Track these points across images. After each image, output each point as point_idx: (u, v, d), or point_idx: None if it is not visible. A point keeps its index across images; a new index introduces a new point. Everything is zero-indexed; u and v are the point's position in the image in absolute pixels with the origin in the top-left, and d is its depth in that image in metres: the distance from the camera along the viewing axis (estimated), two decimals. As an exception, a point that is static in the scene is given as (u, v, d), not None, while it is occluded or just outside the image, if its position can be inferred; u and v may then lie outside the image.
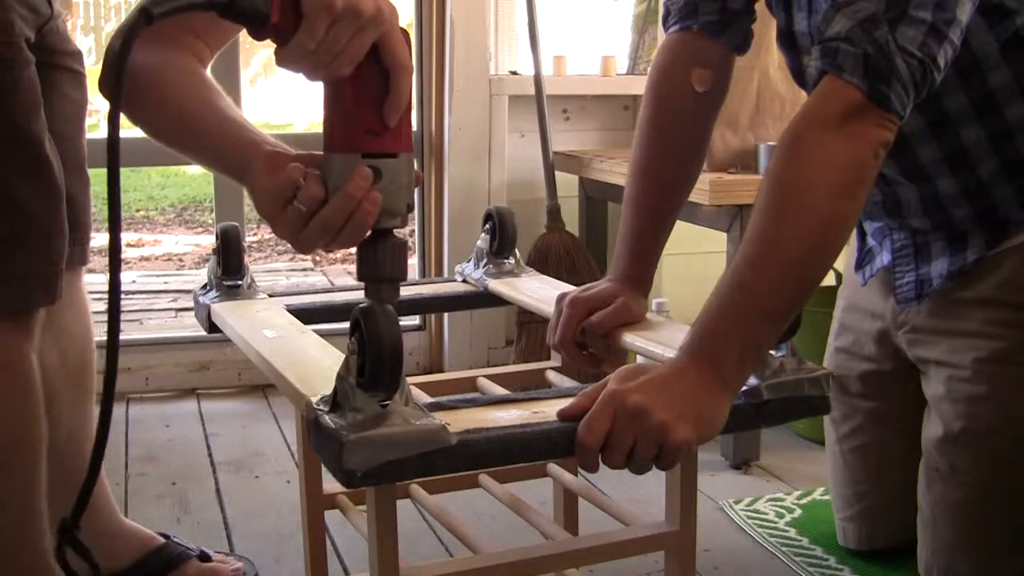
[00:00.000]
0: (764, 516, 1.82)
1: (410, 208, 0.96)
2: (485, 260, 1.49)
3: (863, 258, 1.57)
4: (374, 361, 0.85)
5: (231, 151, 1.03)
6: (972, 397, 1.38)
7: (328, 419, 0.88)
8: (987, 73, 1.27)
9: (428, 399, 1.05)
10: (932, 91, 1.10)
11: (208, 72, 1.13)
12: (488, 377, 1.33)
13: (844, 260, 2.69)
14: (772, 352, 1.01)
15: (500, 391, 1.25)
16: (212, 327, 1.39)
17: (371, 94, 0.92)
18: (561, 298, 1.28)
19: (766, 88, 2.06)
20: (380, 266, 0.94)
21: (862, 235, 1.57)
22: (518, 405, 0.98)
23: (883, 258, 1.51)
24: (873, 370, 1.58)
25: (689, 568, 1.09)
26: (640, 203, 1.33)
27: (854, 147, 1.03)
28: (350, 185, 0.90)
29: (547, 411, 0.95)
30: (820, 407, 1.04)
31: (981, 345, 1.37)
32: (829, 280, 2.35)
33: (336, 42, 0.89)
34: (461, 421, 0.92)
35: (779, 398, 1.01)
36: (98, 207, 7.38)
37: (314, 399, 0.93)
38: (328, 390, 0.91)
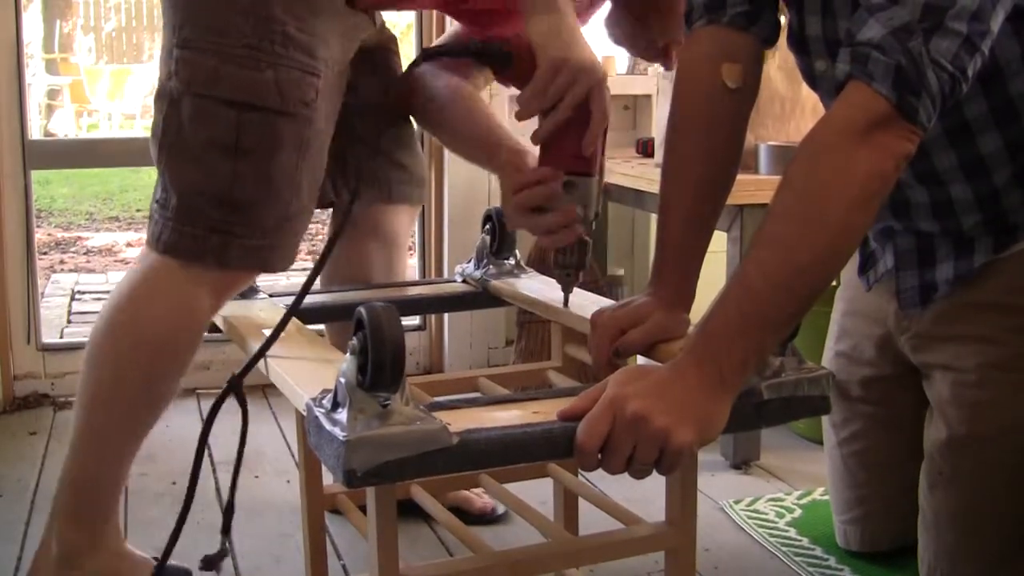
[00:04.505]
0: (764, 516, 1.82)
1: (597, 215, 1.31)
2: (485, 260, 1.50)
3: (866, 262, 1.55)
4: (376, 360, 0.85)
5: (478, 142, 1.47)
6: (977, 402, 1.37)
7: (328, 419, 0.88)
8: (1008, 80, 1.25)
9: (428, 399, 1.05)
10: (956, 101, 1.08)
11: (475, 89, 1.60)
12: (488, 377, 1.34)
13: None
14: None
15: (501, 391, 1.25)
16: (212, 327, 1.39)
17: (576, 129, 1.24)
18: (595, 318, 1.23)
19: (766, 88, 2.06)
20: (569, 256, 1.29)
21: (864, 238, 1.54)
22: (518, 405, 0.98)
23: (886, 262, 1.48)
24: (874, 375, 1.57)
25: (689, 568, 1.09)
26: (676, 210, 1.26)
27: (877, 160, 1.00)
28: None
29: (547, 411, 0.95)
30: (820, 407, 1.04)
31: (987, 350, 1.36)
32: (829, 280, 2.36)
33: (560, 90, 1.21)
34: (461, 421, 0.92)
35: (779, 398, 1.01)
36: (97, 207, 7.32)
37: (314, 399, 0.93)
38: (328, 390, 0.91)
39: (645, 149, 2.39)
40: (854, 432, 1.62)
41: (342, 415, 0.86)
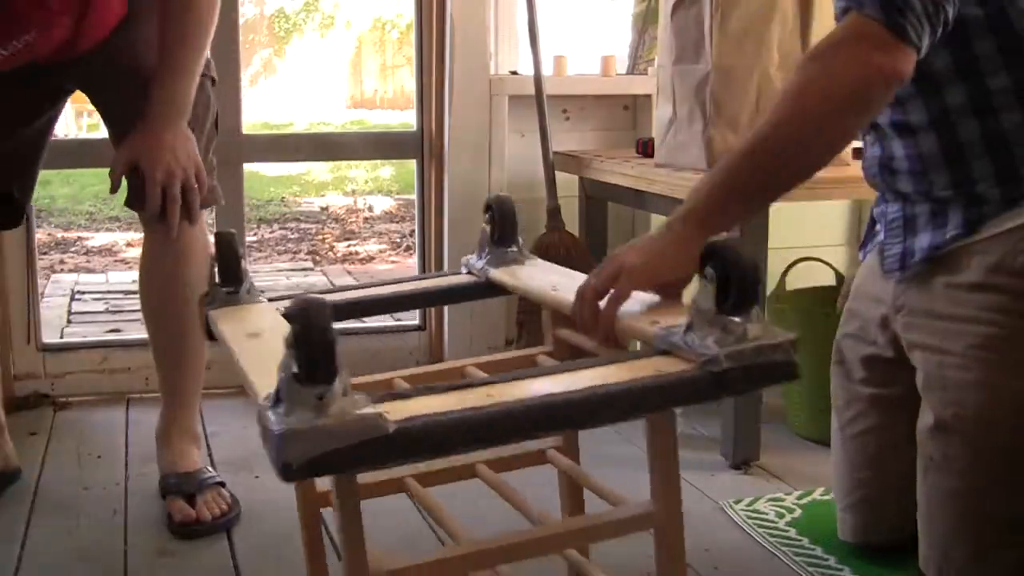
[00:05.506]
0: (764, 516, 1.82)
1: None
2: (487, 250, 1.46)
3: (868, 240, 1.62)
4: (308, 353, 0.84)
5: None
6: (963, 384, 1.38)
7: (269, 414, 0.87)
8: (972, 40, 1.34)
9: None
10: (947, 29, 1.27)
11: None
12: (478, 365, 1.30)
13: (852, 258, 2.68)
14: (735, 319, 0.98)
15: (480, 376, 1.22)
16: (209, 335, 1.37)
17: None
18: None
19: (766, 88, 2.05)
20: None
21: (872, 223, 1.61)
22: (474, 390, 0.95)
23: (880, 235, 1.54)
24: (875, 355, 1.59)
25: (678, 547, 1.06)
26: None
27: (862, 67, 1.22)
28: None
29: (501, 394, 0.93)
30: (785, 373, 0.99)
31: (972, 331, 1.37)
32: (828, 280, 2.35)
33: None
34: (410, 409, 0.89)
35: (740, 366, 0.96)
36: (97, 207, 7.35)
37: (267, 395, 0.92)
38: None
39: (645, 149, 2.38)
40: (856, 414, 1.62)
41: (282, 409, 0.86)
